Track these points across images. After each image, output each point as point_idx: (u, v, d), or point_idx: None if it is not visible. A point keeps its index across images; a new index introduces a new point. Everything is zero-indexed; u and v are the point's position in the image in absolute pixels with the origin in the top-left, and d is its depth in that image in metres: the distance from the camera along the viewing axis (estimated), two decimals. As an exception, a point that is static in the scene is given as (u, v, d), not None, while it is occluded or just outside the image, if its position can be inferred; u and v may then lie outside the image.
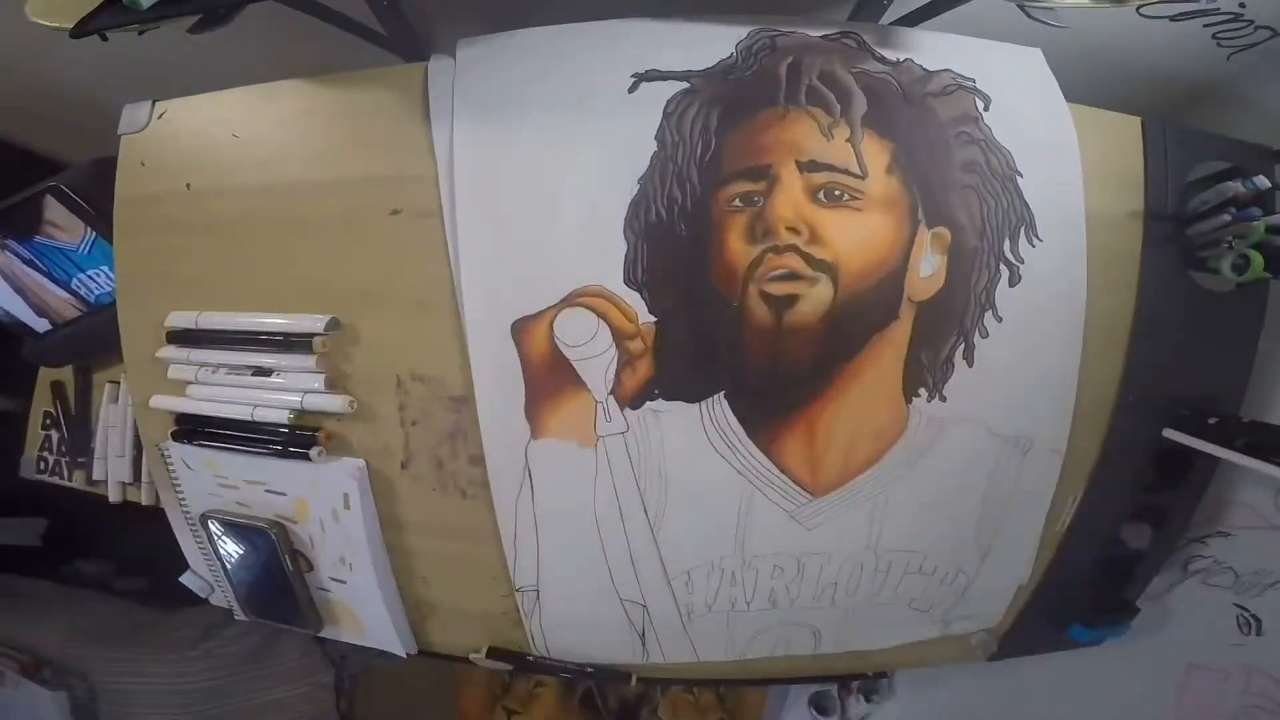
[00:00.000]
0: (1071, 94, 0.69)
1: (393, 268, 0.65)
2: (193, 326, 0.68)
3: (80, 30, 0.54)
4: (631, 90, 0.63)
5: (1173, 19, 0.74)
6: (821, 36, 0.65)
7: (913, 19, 0.70)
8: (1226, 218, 0.65)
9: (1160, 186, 0.69)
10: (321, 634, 0.76)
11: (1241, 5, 0.71)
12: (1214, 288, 0.70)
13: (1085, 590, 0.77)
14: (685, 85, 0.63)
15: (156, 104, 0.69)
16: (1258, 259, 0.63)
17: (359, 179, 0.65)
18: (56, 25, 0.54)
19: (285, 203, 0.67)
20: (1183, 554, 0.80)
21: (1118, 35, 0.77)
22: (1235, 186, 0.66)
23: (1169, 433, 0.70)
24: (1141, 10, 0.72)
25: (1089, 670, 0.87)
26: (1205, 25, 0.75)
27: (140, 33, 0.56)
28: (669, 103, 0.63)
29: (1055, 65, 0.69)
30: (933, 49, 0.66)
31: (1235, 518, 0.76)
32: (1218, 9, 0.72)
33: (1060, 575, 0.75)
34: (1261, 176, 0.66)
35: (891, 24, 0.71)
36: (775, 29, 0.65)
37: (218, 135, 0.68)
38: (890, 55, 0.65)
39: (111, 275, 0.75)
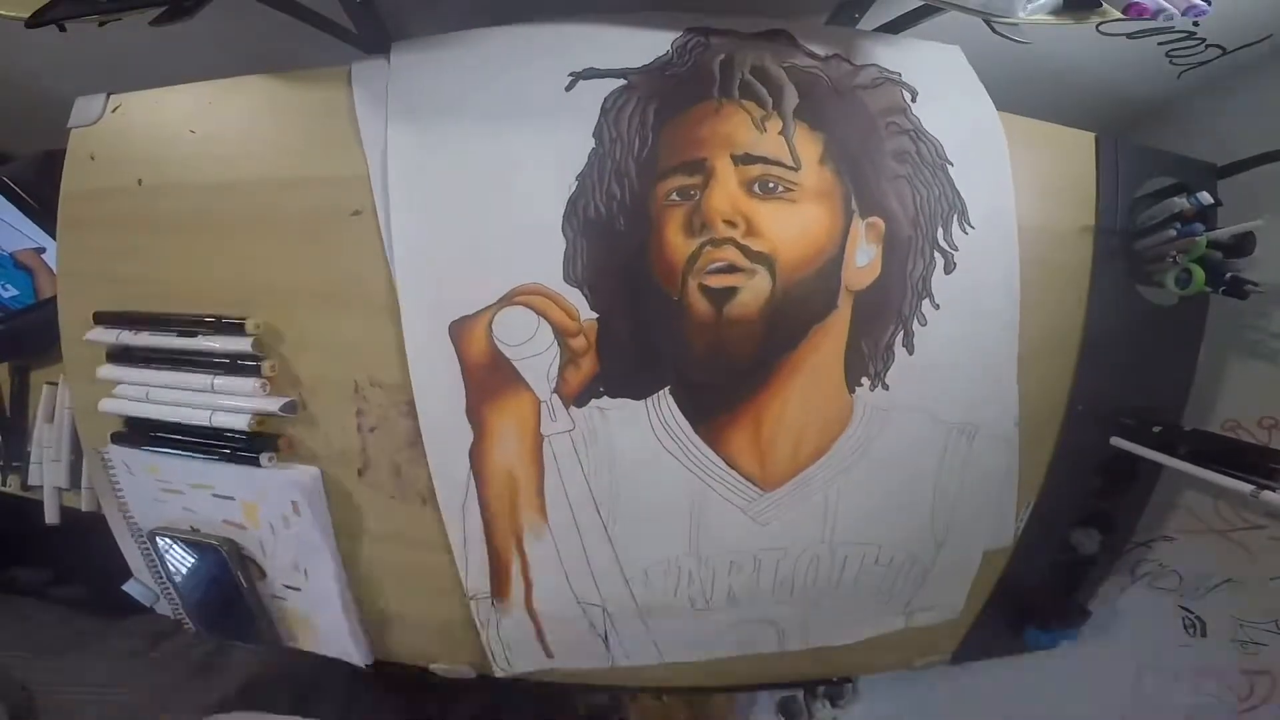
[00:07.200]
0: (1030, 108, 0.73)
1: (352, 270, 0.67)
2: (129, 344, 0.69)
3: (37, 20, 0.53)
4: (569, 89, 0.66)
5: (1130, 36, 0.78)
6: (753, 33, 0.69)
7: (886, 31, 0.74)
8: (1171, 233, 0.71)
9: (1110, 202, 0.75)
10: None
11: (1195, 24, 0.77)
12: (1159, 301, 0.75)
13: (1039, 595, 0.82)
14: (622, 82, 0.67)
15: (111, 97, 0.70)
16: (1199, 273, 0.69)
17: (320, 178, 0.67)
18: (11, 14, 0.54)
19: (242, 201, 0.68)
20: (1130, 558, 0.86)
21: (1077, 52, 0.82)
22: (1180, 202, 0.72)
23: (1116, 441, 0.75)
24: (1101, 28, 0.76)
25: (1046, 673, 0.92)
26: (1160, 43, 0.80)
27: (101, 24, 0.56)
28: (606, 100, 0.66)
29: (1016, 81, 0.73)
30: (858, 46, 0.70)
31: (1178, 522, 0.82)
32: (1173, 27, 0.77)
33: (1015, 580, 0.80)
34: (1205, 192, 0.71)
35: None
36: (708, 25, 0.68)
37: (174, 130, 0.68)
38: (820, 51, 0.69)
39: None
